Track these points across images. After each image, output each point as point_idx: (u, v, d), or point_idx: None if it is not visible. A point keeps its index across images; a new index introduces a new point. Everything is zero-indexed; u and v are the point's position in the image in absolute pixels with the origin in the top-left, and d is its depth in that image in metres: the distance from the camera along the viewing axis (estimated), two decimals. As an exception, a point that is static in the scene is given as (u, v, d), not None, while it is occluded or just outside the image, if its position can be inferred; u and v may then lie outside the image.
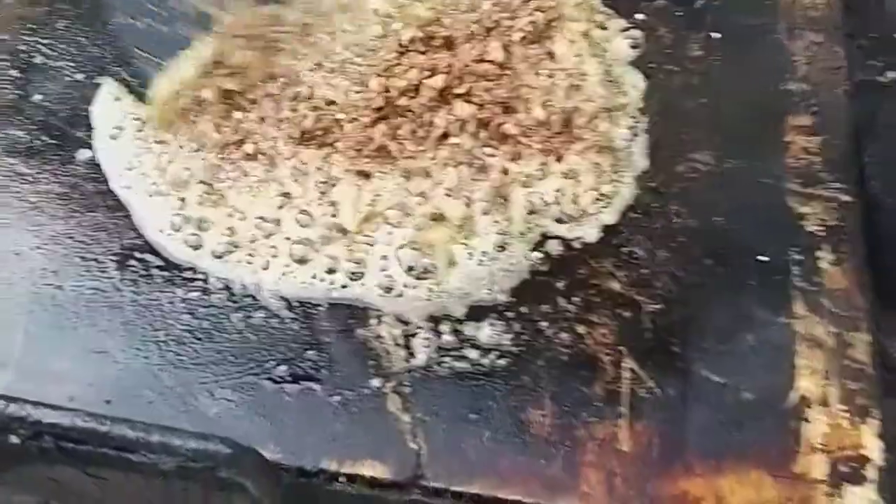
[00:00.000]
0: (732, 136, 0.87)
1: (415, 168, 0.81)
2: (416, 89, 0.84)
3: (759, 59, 0.92)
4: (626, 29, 0.94)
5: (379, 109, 0.83)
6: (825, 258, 0.81)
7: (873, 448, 0.71)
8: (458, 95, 0.84)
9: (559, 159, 0.83)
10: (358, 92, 0.84)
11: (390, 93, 0.84)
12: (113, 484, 0.72)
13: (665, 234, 0.82)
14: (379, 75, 0.85)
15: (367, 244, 0.78)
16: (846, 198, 0.84)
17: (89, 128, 0.87)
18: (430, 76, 0.84)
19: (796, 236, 0.82)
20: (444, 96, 0.84)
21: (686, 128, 0.88)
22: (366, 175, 0.81)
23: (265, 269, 0.78)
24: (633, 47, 0.92)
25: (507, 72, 0.87)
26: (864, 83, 1.02)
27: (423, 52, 0.87)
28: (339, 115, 0.83)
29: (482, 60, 0.87)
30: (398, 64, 0.86)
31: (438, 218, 0.79)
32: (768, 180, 0.85)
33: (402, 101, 0.84)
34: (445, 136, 0.83)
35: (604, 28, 0.94)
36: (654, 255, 0.81)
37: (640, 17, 0.94)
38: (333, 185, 0.81)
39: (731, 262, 0.81)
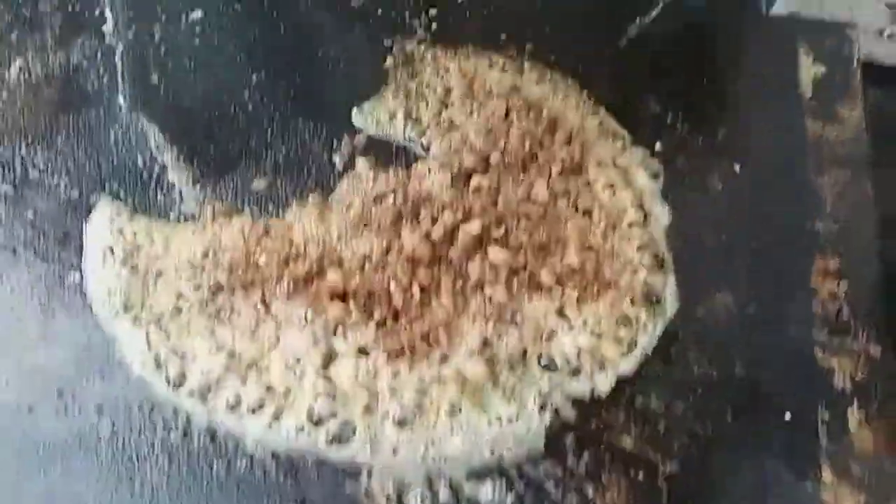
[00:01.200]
0: (756, 278, 0.82)
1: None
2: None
3: (783, 195, 0.88)
4: (646, 158, 0.90)
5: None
6: (854, 418, 0.75)
7: None
8: (494, 240, 0.81)
9: (590, 308, 0.79)
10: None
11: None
12: None
13: (683, 384, 0.76)
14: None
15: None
16: (876, 351, 0.78)
17: (80, 249, 0.83)
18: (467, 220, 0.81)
19: (824, 392, 0.76)
20: (480, 241, 0.81)
21: (707, 267, 0.83)
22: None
23: (252, 412, 0.73)
24: (654, 177, 0.88)
25: (548, 210, 0.84)
26: (894, 220, 0.98)
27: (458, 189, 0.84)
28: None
29: (526, 200, 0.84)
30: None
31: (456, 379, 0.74)
32: (793, 328, 0.80)
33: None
34: (478, 285, 0.79)
35: (625, 152, 0.90)
36: (671, 408, 0.75)
37: (658, 146, 0.90)
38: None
39: (753, 418, 0.75)
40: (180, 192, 0.87)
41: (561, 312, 0.79)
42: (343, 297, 0.79)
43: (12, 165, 0.89)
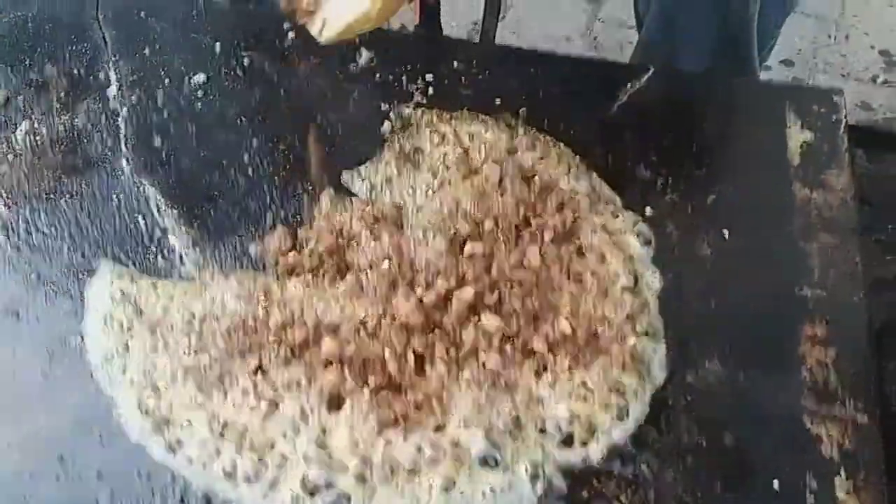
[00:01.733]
0: (745, 346, 0.84)
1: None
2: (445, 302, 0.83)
3: (771, 262, 0.90)
4: (636, 223, 0.92)
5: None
6: (841, 486, 0.76)
7: None
8: (488, 306, 0.82)
9: (581, 375, 0.80)
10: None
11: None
12: None
13: (673, 452, 0.78)
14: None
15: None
16: (863, 419, 0.79)
17: (82, 313, 0.85)
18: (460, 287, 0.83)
19: (812, 460, 0.77)
20: (474, 307, 0.82)
21: (697, 334, 0.84)
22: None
23: (248, 481, 0.74)
24: (645, 243, 0.90)
25: (540, 276, 0.85)
26: (881, 281, 1.00)
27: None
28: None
29: (519, 267, 0.85)
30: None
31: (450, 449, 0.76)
32: (782, 396, 0.81)
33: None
34: (472, 352, 0.80)
35: (616, 217, 0.92)
36: (662, 476, 0.76)
37: (648, 211, 0.92)
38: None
39: (742, 487, 0.76)
40: (181, 256, 0.89)
41: (553, 379, 0.80)
42: (339, 363, 0.80)
43: (16, 228, 0.91)
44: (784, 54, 2.10)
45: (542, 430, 0.77)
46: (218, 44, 1.04)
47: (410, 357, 0.79)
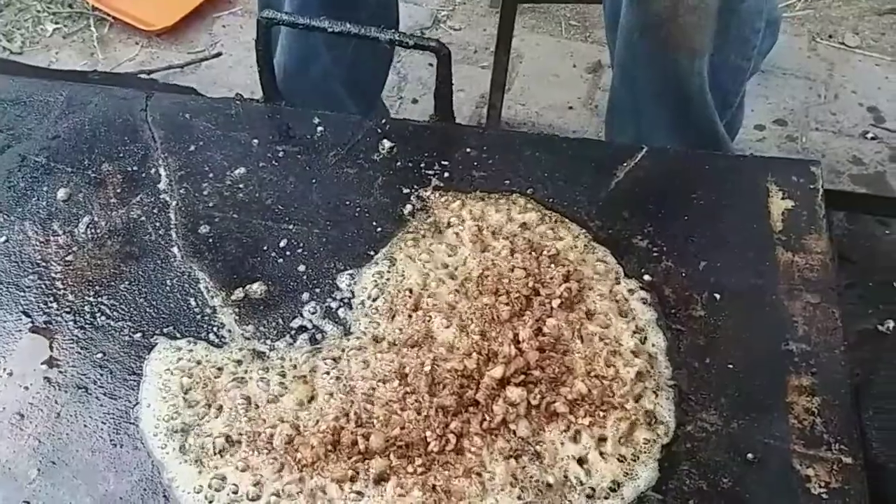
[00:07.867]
0: (738, 397, 0.93)
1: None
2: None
3: (759, 320, 0.99)
4: (637, 289, 1.02)
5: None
6: (830, 521, 0.84)
7: None
8: (513, 377, 0.92)
9: (600, 431, 0.90)
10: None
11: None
12: None
13: (677, 497, 0.86)
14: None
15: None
16: (848, 460, 0.88)
17: (141, 386, 0.95)
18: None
19: (803, 500, 0.86)
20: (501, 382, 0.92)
21: (696, 388, 0.94)
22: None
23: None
24: (646, 307, 1.00)
25: (555, 341, 0.95)
26: (864, 332, 1.09)
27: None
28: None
29: (535, 336, 0.95)
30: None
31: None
32: (773, 441, 0.90)
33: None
34: (503, 423, 0.90)
35: (619, 284, 1.02)
36: (668, 518, 0.85)
37: (647, 278, 1.03)
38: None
39: (739, 524, 0.85)
40: (229, 331, 1.00)
41: (576, 437, 0.89)
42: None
43: (82, 312, 1.02)
44: (776, 114, 2.21)
45: (570, 486, 0.86)
46: (255, 140, 1.16)
47: (451, 437, 0.88)
